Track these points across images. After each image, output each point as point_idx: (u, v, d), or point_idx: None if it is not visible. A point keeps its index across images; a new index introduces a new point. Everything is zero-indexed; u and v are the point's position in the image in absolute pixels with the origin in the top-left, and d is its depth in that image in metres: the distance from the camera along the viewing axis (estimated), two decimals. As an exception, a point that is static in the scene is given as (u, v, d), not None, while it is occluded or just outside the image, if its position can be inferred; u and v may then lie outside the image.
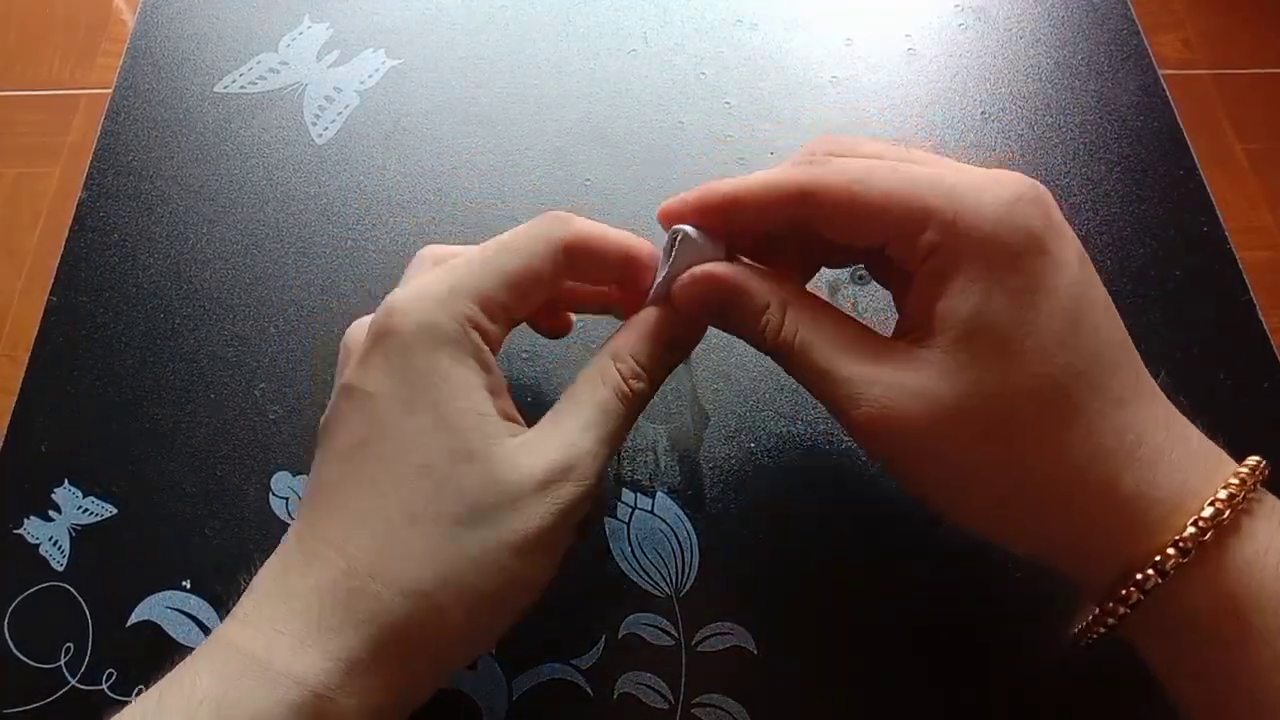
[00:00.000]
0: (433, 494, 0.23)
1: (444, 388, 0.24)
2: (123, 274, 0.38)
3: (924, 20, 0.44)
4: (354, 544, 0.23)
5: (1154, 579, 0.22)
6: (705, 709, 0.30)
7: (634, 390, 0.26)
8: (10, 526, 0.33)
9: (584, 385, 0.26)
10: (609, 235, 0.28)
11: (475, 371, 0.25)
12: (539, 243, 0.26)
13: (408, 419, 0.24)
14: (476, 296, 0.25)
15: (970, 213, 0.24)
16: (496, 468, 0.24)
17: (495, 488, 0.24)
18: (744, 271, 0.27)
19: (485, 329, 0.25)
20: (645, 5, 0.45)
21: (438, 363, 0.24)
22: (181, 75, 0.43)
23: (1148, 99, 0.41)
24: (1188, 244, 0.38)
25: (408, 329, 0.24)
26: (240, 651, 0.22)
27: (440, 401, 0.24)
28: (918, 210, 0.24)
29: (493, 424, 0.24)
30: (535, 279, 0.26)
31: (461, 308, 0.25)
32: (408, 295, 0.25)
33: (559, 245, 0.26)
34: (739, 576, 0.32)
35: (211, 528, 0.33)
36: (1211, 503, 0.22)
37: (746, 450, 0.34)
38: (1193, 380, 0.35)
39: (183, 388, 0.35)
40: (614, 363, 0.27)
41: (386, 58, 0.43)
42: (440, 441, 0.24)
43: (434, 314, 0.24)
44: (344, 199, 0.40)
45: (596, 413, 0.26)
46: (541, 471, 0.24)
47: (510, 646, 0.31)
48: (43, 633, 0.31)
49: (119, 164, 0.41)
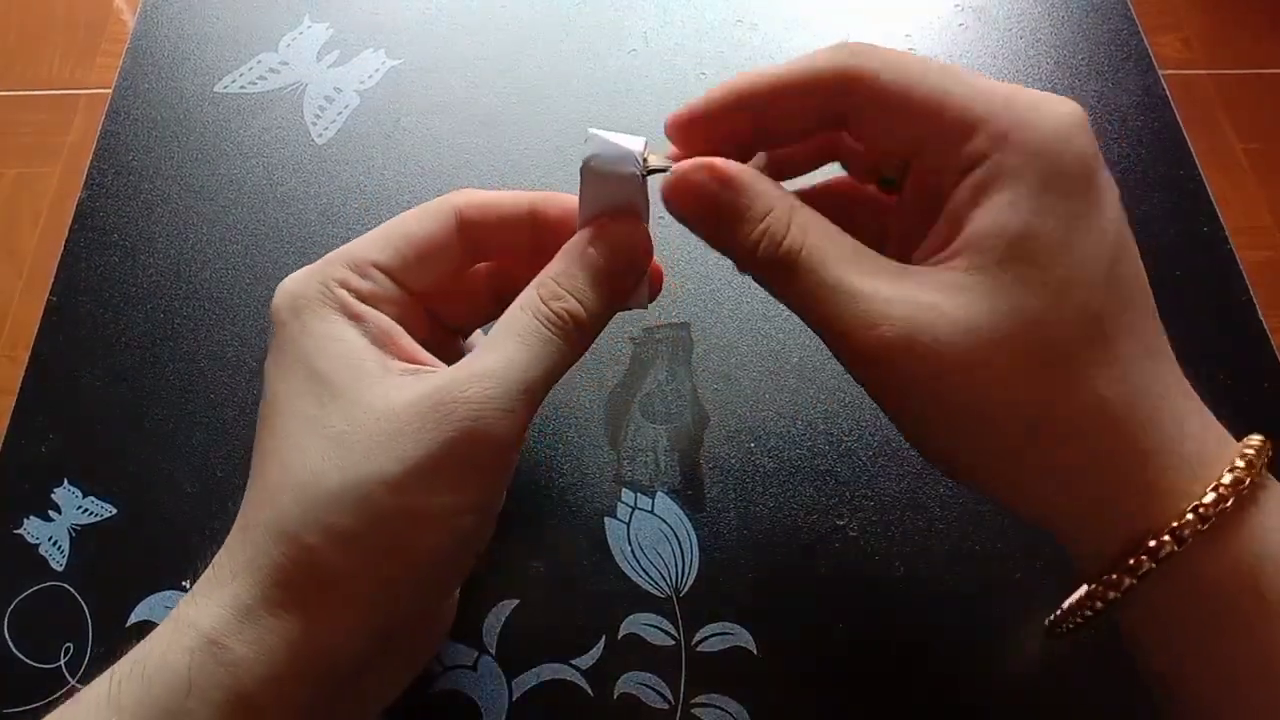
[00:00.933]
0: (302, 439, 0.23)
1: (309, 344, 0.24)
2: (123, 274, 0.38)
3: (924, 20, 0.44)
4: (247, 502, 0.24)
5: (1169, 546, 0.21)
6: (705, 709, 0.30)
7: (555, 310, 0.24)
8: (10, 526, 0.33)
9: (502, 317, 0.25)
10: (507, 195, 0.27)
11: (342, 323, 0.25)
12: (425, 210, 0.27)
13: (283, 384, 0.24)
14: (347, 259, 0.26)
15: (1027, 127, 0.22)
16: (367, 401, 0.23)
17: (364, 419, 0.23)
18: (748, 170, 0.24)
19: (356, 286, 0.25)
20: (646, 5, 0.45)
21: (304, 324, 0.24)
22: (181, 75, 0.43)
23: (1148, 99, 0.41)
24: (1188, 244, 0.38)
25: (282, 305, 0.25)
26: (170, 615, 0.23)
27: (307, 357, 0.24)
28: (971, 114, 0.22)
29: (364, 365, 0.24)
30: (420, 242, 0.26)
31: (329, 272, 0.25)
32: (289, 276, 0.26)
33: (448, 211, 0.27)
34: (739, 576, 0.32)
35: (211, 528, 0.33)
36: (1231, 469, 0.21)
37: (746, 450, 0.34)
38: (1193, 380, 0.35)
39: (183, 388, 0.35)
40: (534, 288, 0.25)
41: (386, 58, 0.43)
42: (309, 391, 0.24)
43: (300, 284, 0.25)
44: (344, 199, 0.40)
45: (506, 334, 0.24)
46: (420, 399, 0.23)
47: (510, 646, 0.31)
48: (43, 633, 0.31)
49: (119, 164, 0.41)
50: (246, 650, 0.22)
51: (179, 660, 0.22)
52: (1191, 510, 0.21)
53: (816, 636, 0.31)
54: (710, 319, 0.36)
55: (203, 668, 0.21)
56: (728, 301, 0.37)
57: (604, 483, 0.33)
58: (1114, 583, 0.22)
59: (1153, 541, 0.21)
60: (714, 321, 0.36)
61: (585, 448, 0.34)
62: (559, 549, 0.32)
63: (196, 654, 0.22)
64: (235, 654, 0.22)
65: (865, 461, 0.33)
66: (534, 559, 0.32)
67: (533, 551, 0.32)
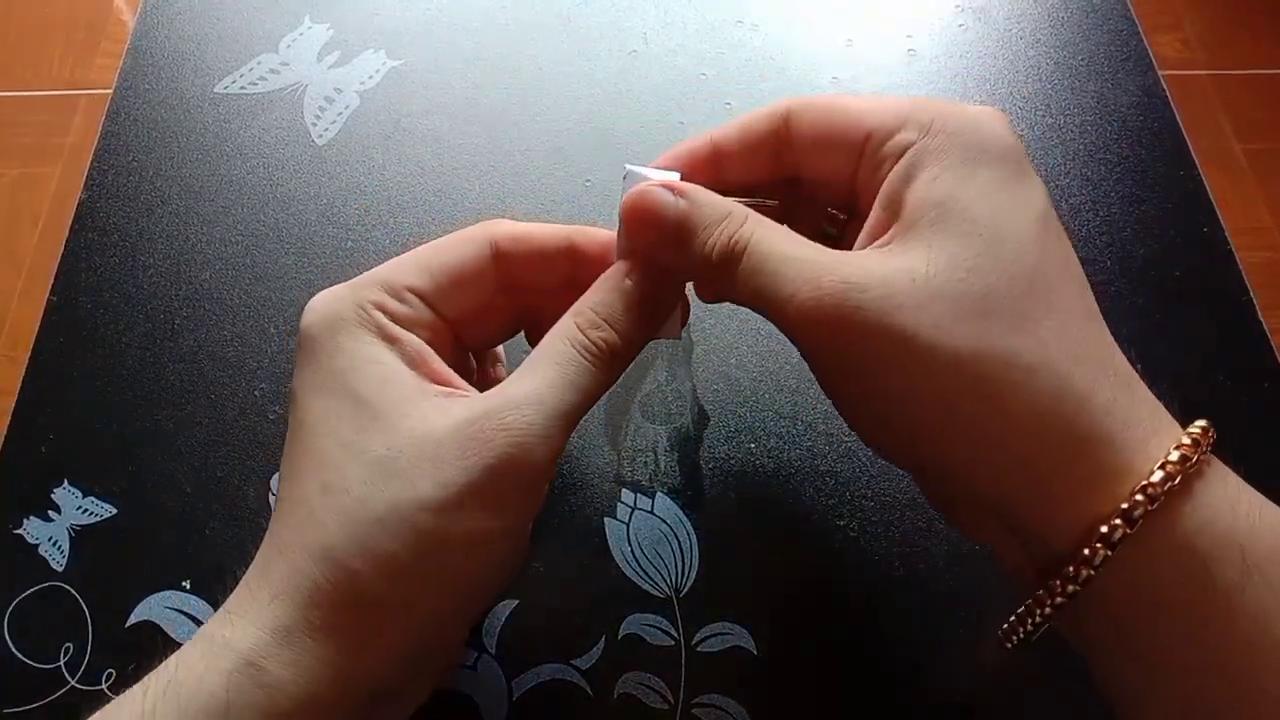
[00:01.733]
0: (342, 463, 0.23)
1: (345, 364, 0.24)
2: (123, 274, 0.38)
3: (924, 21, 0.44)
4: (281, 524, 0.24)
5: (1122, 529, 0.20)
6: (705, 709, 0.30)
7: (592, 340, 0.25)
8: (10, 526, 0.33)
9: (539, 345, 0.26)
10: (544, 228, 0.28)
11: (378, 345, 0.25)
12: (462, 239, 0.27)
13: (318, 402, 0.24)
14: (383, 283, 0.26)
15: (949, 115, 0.23)
16: (408, 426, 0.23)
17: (405, 445, 0.23)
18: (695, 187, 0.26)
19: (390, 309, 0.25)
20: (646, 6, 0.45)
21: (340, 345, 0.25)
22: (182, 76, 0.43)
23: (1148, 99, 0.41)
24: (1188, 244, 0.38)
25: (315, 324, 0.25)
26: (200, 634, 0.23)
27: (343, 377, 0.24)
28: (896, 115, 0.24)
29: (402, 388, 0.24)
30: (455, 270, 0.26)
31: (364, 294, 0.25)
32: (316, 298, 0.26)
33: (484, 240, 0.27)
34: (739, 576, 0.32)
35: (211, 528, 0.33)
36: (1163, 465, 0.21)
37: (746, 450, 0.34)
38: (1193, 380, 0.35)
39: (183, 388, 0.35)
40: (572, 317, 0.26)
41: (387, 58, 0.43)
42: (346, 414, 0.24)
43: (334, 305, 0.25)
44: (344, 199, 0.40)
45: (544, 362, 0.25)
46: (461, 424, 0.23)
47: (510, 646, 0.31)
48: (42, 633, 0.31)
49: (119, 164, 0.41)
50: (284, 672, 0.22)
51: (216, 682, 0.21)
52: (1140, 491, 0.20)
53: (816, 636, 0.31)
54: (710, 319, 0.36)
55: (240, 689, 0.21)
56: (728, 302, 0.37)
57: (604, 483, 0.33)
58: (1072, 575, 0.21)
59: (1104, 527, 0.21)
60: (714, 321, 0.36)
61: (585, 448, 0.34)
62: (559, 549, 0.32)
63: (234, 675, 0.21)
64: (273, 676, 0.22)
65: (865, 461, 0.33)
66: (534, 559, 0.32)
67: (533, 551, 0.32)
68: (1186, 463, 0.21)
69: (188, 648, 0.23)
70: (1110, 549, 0.21)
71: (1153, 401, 0.22)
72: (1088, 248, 0.38)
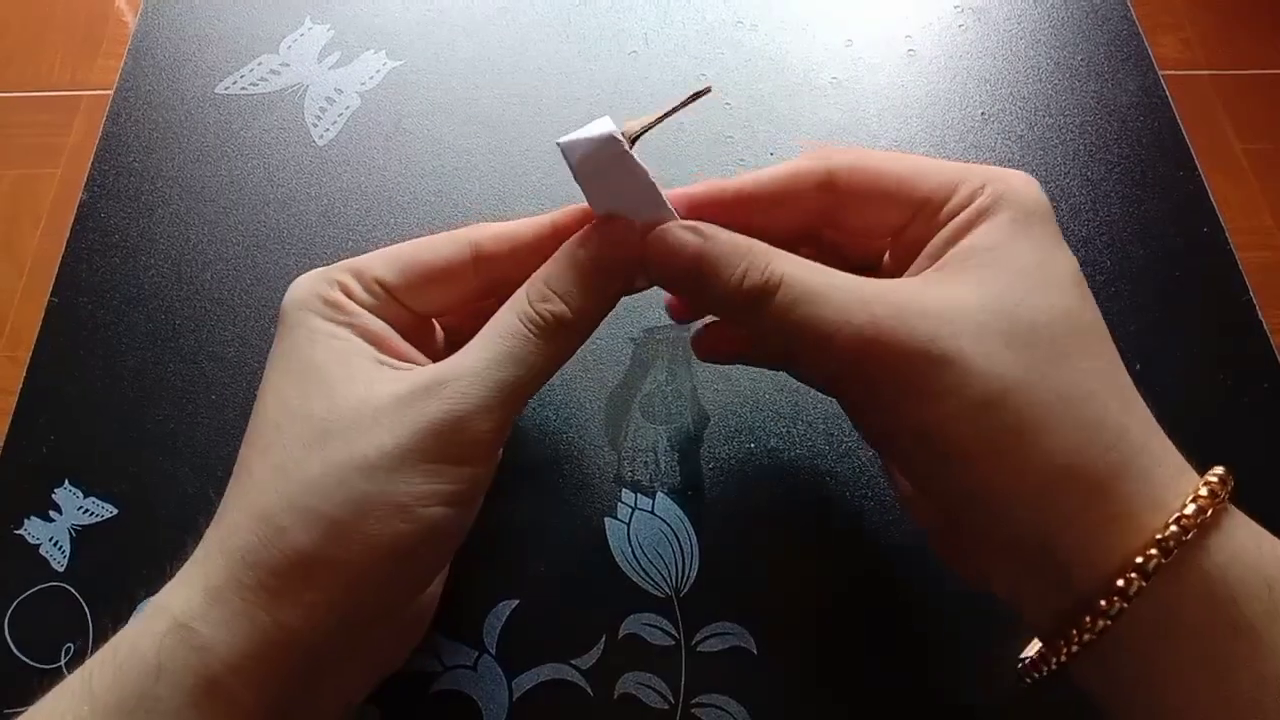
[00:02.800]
0: (284, 426, 0.24)
1: (304, 337, 0.25)
2: (124, 275, 0.38)
3: (924, 21, 0.44)
4: (228, 491, 0.24)
5: (1157, 559, 0.21)
6: (705, 709, 0.30)
7: (539, 312, 0.25)
8: (10, 527, 0.33)
9: (493, 317, 0.26)
10: (525, 222, 0.28)
11: (337, 323, 0.25)
12: (444, 238, 0.27)
13: (275, 375, 0.25)
14: (352, 268, 0.26)
15: (999, 179, 0.25)
16: (350, 389, 0.24)
17: (346, 407, 0.24)
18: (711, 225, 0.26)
19: (353, 292, 0.26)
20: (646, 6, 0.45)
21: (303, 319, 0.25)
22: (182, 76, 0.43)
23: (1148, 99, 0.42)
24: (1188, 244, 0.38)
25: (287, 302, 0.26)
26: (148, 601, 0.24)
27: (300, 349, 0.25)
28: (948, 179, 0.25)
29: (359, 360, 0.25)
30: (427, 268, 0.27)
31: (333, 274, 0.26)
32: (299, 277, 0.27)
33: (464, 241, 0.27)
34: (739, 576, 0.32)
35: (212, 528, 0.33)
36: (1194, 499, 0.21)
37: (746, 450, 0.34)
38: (1193, 380, 0.35)
39: (183, 388, 0.35)
40: (524, 288, 0.26)
41: (387, 59, 0.44)
42: (298, 383, 0.25)
43: (304, 284, 0.26)
44: (345, 200, 0.40)
45: (490, 335, 0.25)
46: (400, 392, 0.24)
47: (510, 646, 0.31)
48: (43, 633, 0.31)
49: (120, 165, 0.41)
50: (214, 632, 0.22)
51: (148, 645, 0.22)
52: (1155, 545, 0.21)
53: (816, 636, 0.31)
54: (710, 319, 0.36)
55: (172, 652, 0.22)
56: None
57: (604, 483, 0.33)
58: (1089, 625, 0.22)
59: (1120, 580, 0.21)
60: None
61: (585, 448, 0.34)
62: (559, 549, 0.32)
63: (166, 638, 0.22)
64: (203, 637, 0.22)
65: (865, 461, 0.33)
66: (534, 559, 0.32)
67: (533, 551, 0.32)
68: (1215, 498, 0.21)
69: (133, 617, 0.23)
70: (1145, 579, 0.21)
71: (1172, 446, 0.23)
72: (1088, 248, 0.38)
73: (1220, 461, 0.22)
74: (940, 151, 0.40)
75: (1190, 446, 0.28)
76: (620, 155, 0.25)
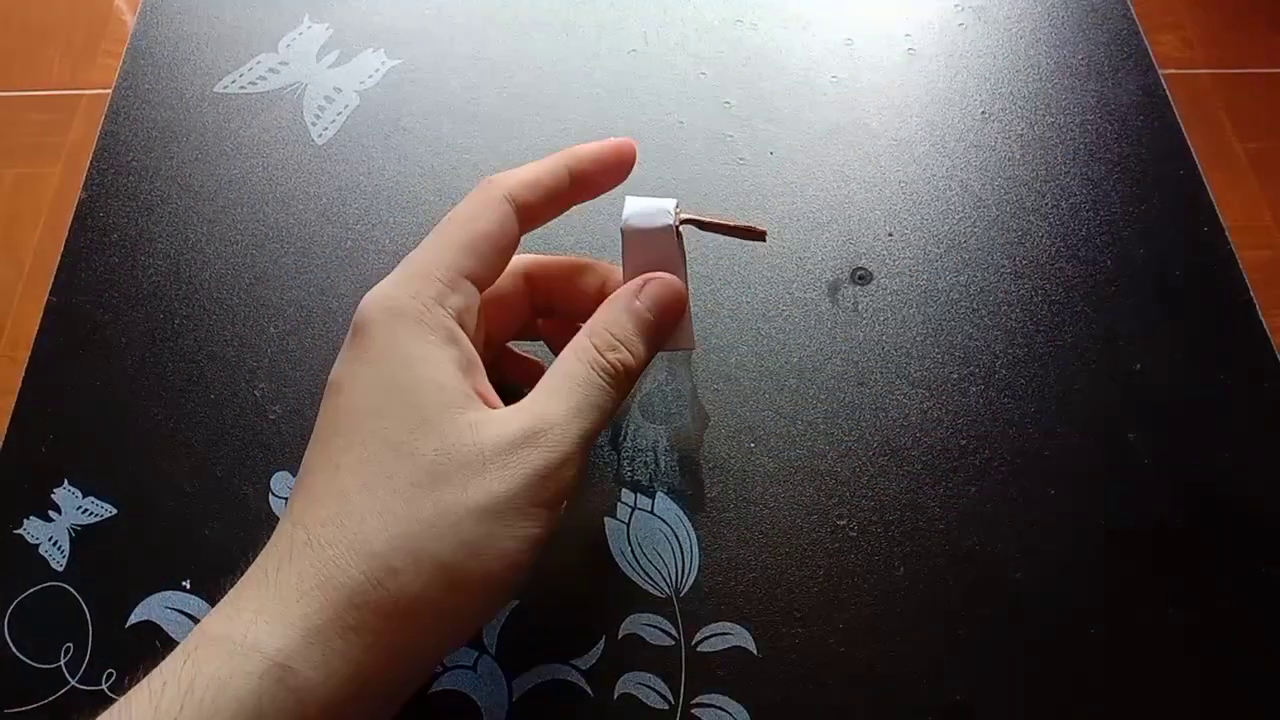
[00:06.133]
0: (389, 463, 0.23)
1: (401, 363, 0.25)
2: (123, 274, 0.38)
3: (924, 20, 0.44)
4: (312, 516, 0.23)
5: None
6: (705, 709, 0.30)
7: (610, 361, 0.27)
8: (10, 527, 0.33)
9: (559, 363, 0.27)
10: (542, 164, 0.28)
11: (438, 346, 0.25)
12: (479, 204, 0.27)
13: (367, 398, 0.24)
14: (438, 272, 0.26)
15: None
16: (456, 434, 0.24)
17: (454, 453, 0.24)
18: None
19: (451, 304, 0.26)
20: (646, 5, 0.45)
21: (398, 341, 0.25)
22: (181, 75, 0.43)
23: (1148, 99, 0.41)
24: (1188, 244, 0.38)
25: (373, 317, 0.25)
26: (207, 634, 0.22)
27: (398, 376, 0.24)
28: None
29: (453, 395, 0.25)
30: (490, 240, 0.27)
31: (423, 286, 0.26)
32: (374, 290, 0.26)
33: (500, 199, 0.27)
34: (739, 576, 0.32)
35: (211, 528, 0.33)
36: None
37: (746, 450, 0.34)
38: (1193, 380, 0.35)
39: (183, 388, 0.35)
40: (589, 337, 0.27)
41: (386, 58, 0.43)
42: (397, 413, 0.24)
43: (395, 298, 0.25)
44: (344, 199, 0.40)
45: (568, 384, 0.26)
46: (504, 438, 0.24)
47: (510, 646, 0.31)
48: (42, 633, 0.31)
49: (119, 164, 0.41)
50: (313, 674, 0.21)
51: (243, 686, 0.21)
52: None
53: (816, 636, 0.31)
54: (710, 319, 0.36)
55: (273, 695, 0.21)
56: (727, 302, 0.37)
57: (604, 483, 0.33)
58: None
59: None
60: (714, 321, 0.36)
61: (585, 448, 0.34)
62: (559, 549, 0.32)
63: (265, 680, 0.21)
64: (301, 677, 0.21)
65: (865, 461, 0.33)
66: (534, 559, 0.32)
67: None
68: None
69: (201, 649, 0.22)
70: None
71: None
72: (1088, 247, 0.38)
73: (1220, 461, 0.22)
74: (940, 151, 0.40)
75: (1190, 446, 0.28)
76: (666, 230, 0.29)
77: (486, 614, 0.26)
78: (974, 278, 0.37)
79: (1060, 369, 0.35)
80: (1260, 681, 0.30)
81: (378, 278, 0.37)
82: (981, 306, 0.36)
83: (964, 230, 0.38)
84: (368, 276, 0.38)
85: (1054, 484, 0.33)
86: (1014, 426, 0.34)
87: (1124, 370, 0.35)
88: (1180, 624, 0.30)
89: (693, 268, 0.37)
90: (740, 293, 0.37)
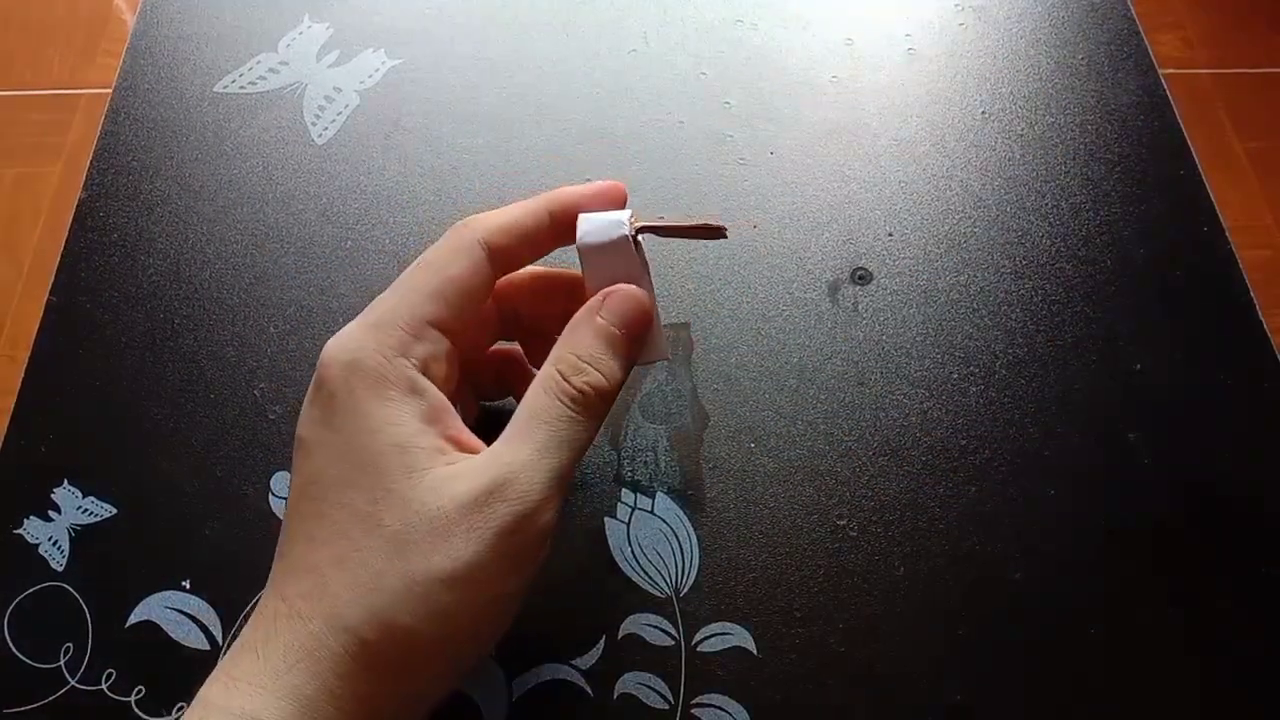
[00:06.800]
0: (357, 537, 0.24)
1: (364, 427, 0.24)
2: (123, 274, 0.38)
3: (924, 20, 0.44)
4: (292, 589, 0.24)
5: None
6: (705, 709, 0.30)
7: (577, 386, 0.26)
8: (10, 526, 0.33)
9: (527, 397, 0.26)
10: (524, 210, 0.28)
11: (398, 402, 0.25)
12: (450, 250, 0.27)
13: (333, 466, 0.24)
14: (401, 321, 0.25)
15: None
16: (419, 499, 0.24)
17: (417, 521, 0.23)
18: None
19: (414, 353, 0.25)
20: (646, 5, 0.45)
21: (359, 402, 0.24)
22: (181, 75, 0.43)
23: (1148, 99, 0.41)
24: (1188, 244, 0.38)
25: (334, 373, 0.25)
26: (206, 702, 0.23)
27: (361, 442, 0.24)
28: None
29: (415, 456, 0.24)
30: (459, 286, 0.26)
31: (385, 338, 0.25)
32: (336, 338, 0.26)
33: (473, 244, 0.27)
34: (739, 576, 0.32)
35: (211, 528, 0.32)
36: None
37: (746, 450, 0.34)
38: (1193, 380, 0.35)
39: (183, 388, 0.35)
40: (553, 365, 0.26)
41: (386, 58, 0.43)
42: (361, 483, 0.24)
43: (356, 352, 0.25)
44: (344, 199, 0.39)
45: (533, 422, 0.25)
46: (469, 496, 0.24)
47: (510, 646, 0.31)
48: (42, 633, 0.31)
49: (119, 164, 0.41)
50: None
51: None
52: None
53: (816, 636, 0.31)
54: (710, 319, 0.36)
55: None
56: (727, 302, 0.37)
57: (604, 483, 0.33)
58: None
59: None
60: (714, 321, 0.36)
61: (585, 448, 0.34)
62: (559, 549, 0.32)
63: None
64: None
65: (865, 461, 0.33)
66: (534, 559, 0.32)
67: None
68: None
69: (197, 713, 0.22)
70: None
71: None
72: (1088, 247, 0.38)
73: (1220, 461, 0.22)
74: (940, 151, 0.40)
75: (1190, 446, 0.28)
76: (622, 241, 0.27)
77: (476, 661, 0.26)
78: (974, 278, 0.37)
79: (1060, 369, 0.35)
80: (1260, 681, 0.30)
81: (378, 278, 0.38)
82: (981, 306, 0.36)
83: (964, 230, 0.38)
84: (368, 276, 0.38)
85: (1054, 484, 0.33)
86: (1014, 426, 0.34)
87: (1124, 370, 0.35)
88: (1180, 624, 0.30)
89: (691, 267, 0.37)
90: (740, 293, 0.37)
